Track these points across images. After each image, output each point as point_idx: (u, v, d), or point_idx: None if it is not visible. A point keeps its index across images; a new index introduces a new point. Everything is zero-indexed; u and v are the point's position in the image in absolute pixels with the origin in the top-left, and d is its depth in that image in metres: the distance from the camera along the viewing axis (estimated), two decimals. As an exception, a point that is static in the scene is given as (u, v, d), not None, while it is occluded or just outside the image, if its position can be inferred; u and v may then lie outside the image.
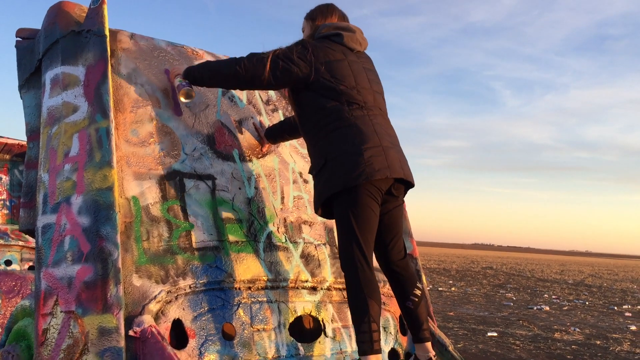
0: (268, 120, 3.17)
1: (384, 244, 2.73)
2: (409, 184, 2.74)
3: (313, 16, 2.87)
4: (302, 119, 2.75)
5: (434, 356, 2.72)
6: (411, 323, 2.75)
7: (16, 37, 2.89)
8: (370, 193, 2.56)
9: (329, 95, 2.63)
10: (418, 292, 2.74)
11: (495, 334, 8.46)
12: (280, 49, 2.65)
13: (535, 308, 12.77)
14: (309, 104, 2.68)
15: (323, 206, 2.67)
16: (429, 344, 2.73)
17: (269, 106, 3.24)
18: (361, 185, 2.53)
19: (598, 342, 8.38)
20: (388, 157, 2.59)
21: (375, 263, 2.68)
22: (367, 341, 2.46)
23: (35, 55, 2.78)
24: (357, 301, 2.52)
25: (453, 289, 16.69)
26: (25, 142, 6.12)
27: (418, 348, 2.74)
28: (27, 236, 6.15)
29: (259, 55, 2.64)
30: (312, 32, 2.84)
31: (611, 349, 7.91)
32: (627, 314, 12.85)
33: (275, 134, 3.09)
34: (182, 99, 2.72)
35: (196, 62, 3.00)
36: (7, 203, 6.35)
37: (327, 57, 2.67)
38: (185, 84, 2.71)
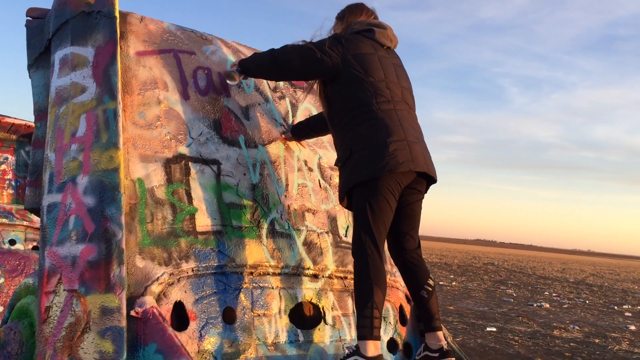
0: (275, 106, 3.17)
1: (402, 233, 2.83)
2: (431, 180, 2.83)
3: (342, 15, 3.01)
4: (330, 113, 2.83)
5: (445, 345, 2.76)
6: (423, 312, 2.84)
7: (26, 16, 2.90)
8: (389, 186, 2.63)
9: (357, 87, 2.71)
10: (431, 282, 2.85)
11: (494, 329, 8.48)
12: (313, 41, 2.78)
13: (535, 305, 12.78)
14: (337, 97, 2.76)
15: (347, 196, 2.74)
16: (440, 334, 2.81)
17: (276, 93, 3.24)
18: (383, 177, 2.60)
19: (597, 341, 8.39)
20: (412, 151, 2.65)
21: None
22: (367, 326, 2.51)
23: (45, 35, 2.79)
24: (363, 286, 2.57)
25: (454, 283, 16.72)
26: (32, 123, 6.14)
27: (429, 337, 2.82)
28: (31, 216, 6.19)
29: (292, 46, 2.77)
30: (343, 28, 2.95)
31: (609, 347, 7.92)
32: (627, 313, 12.86)
33: (301, 131, 3.15)
34: (228, 81, 2.91)
35: (205, 47, 3.01)
36: (13, 183, 6.38)
37: (358, 50, 2.76)
38: (235, 69, 2.88)
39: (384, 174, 2.59)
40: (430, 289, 2.82)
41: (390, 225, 2.76)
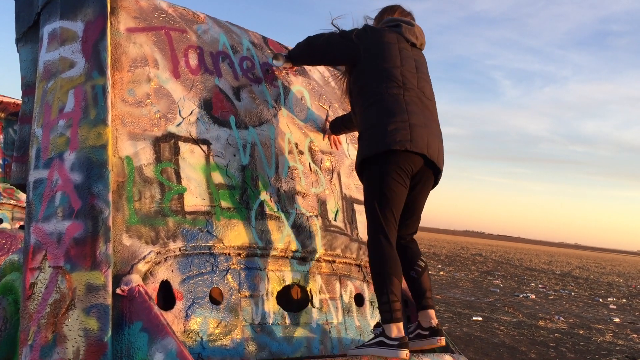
0: (267, 88, 3.14)
1: (402, 219, 2.85)
2: (437, 171, 2.87)
3: (378, 15, 3.17)
4: (351, 102, 2.99)
5: (437, 324, 2.78)
6: (415, 291, 2.88)
7: (15, -11, 2.85)
8: (393, 170, 2.69)
9: (370, 73, 2.86)
10: (422, 263, 2.90)
11: (480, 319, 8.54)
12: (344, 30, 2.97)
13: (521, 296, 12.88)
14: (357, 84, 2.90)
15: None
16: (432, 312, 2.84)
17: (268, 75, 3.21)
18: (385, 160, 2.69)
19: (581, 332, 8.48)
20: (413, 132, 2.72)
21: None
22: (387, 311, 2.60)
23: (34, 9, 2.74)
24: (378, 276, 2.66)
25: (441, 273, 16.80)
26: (20, 101, 6.07)
27: (421, 315, 2.84)
28: (19, 195, 6.13)
29: (325, 34, 2.98)
30: (375, 23, 3.12)
31: (593, 339, 8.00)
32: (611, 306, 13.00)
33: (335, 126, 3.35)
34: (273, 61, 3.16)
35: (197, 26, 2.98)
36: (0, 161, 6.32)
37: (381, 39, 2.90)
38: (283, 53, 3.15)
39: (380, 152, 2.67)
40: (420, 269, 2.87)
41: None
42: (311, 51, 3.03)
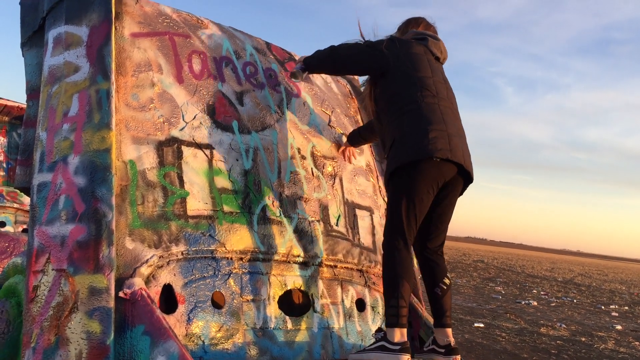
0: (270, 93, 3.16)
1: (429, 231, 2.88)
2: (468, 179, 2.87)
3: (402, 26, 3.20)
4: (377, 110, 2.96)
5: (453, 343, 2.79)
6: (435, 309, 2.88)
7: (21, -6, 2.87)
8: (427, 178, 2.69)
9: (404, 82, 2.84)
10: (447, 281, 2.89)
11: (481, 325, 8.53)
12: (369, 40, 2.97)
13: (523, 302, 12.85)
14: (386, 93, 2.88)
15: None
16: (449, 330, 2.84)
17: (271, 80, 3.23)
18: (422, 166, 2.68)
19: (583, 339, 8.45)
20: (451, 142, 2.74)
21: None
22: (394, 315, 2.60)
23: (39, 13, 2.77)
24: (390, 278, 2.66)
25: (443, 279, 16.73)
26: (24, 105, 6.08)
27: (438, 332, 2.85)
28: (22, 198, 6.16)
29: (351, 44, 2.96)
30: (400, 35, 3.14)
31: (595, 346, 7.98)
32: (613, 313, 12.96)
33: (353, 138, 3.39)
34: (292, 79, 3.06)
35: (200, 31, 3.00)
36: (4, 165, 6.35)
37: (410, 50, 2.93)
38: (298, 67, 3.03)
39: (423, 158, 2.67)
40: (445, 287, 2.87)
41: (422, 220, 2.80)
42: (336, 59, 2.97)
